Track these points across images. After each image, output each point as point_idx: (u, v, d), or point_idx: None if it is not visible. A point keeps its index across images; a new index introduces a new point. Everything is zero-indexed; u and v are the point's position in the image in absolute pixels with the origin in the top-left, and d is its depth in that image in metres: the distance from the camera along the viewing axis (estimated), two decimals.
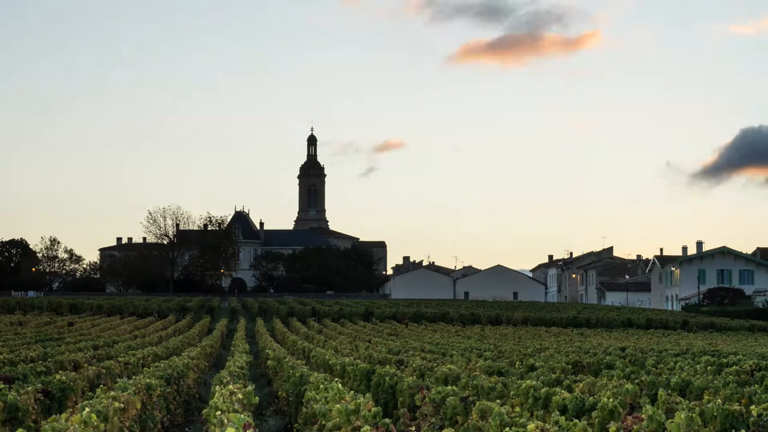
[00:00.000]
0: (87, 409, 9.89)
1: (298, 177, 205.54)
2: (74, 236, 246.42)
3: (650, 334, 61.75)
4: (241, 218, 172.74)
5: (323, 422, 10.94)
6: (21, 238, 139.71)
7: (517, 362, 25.51)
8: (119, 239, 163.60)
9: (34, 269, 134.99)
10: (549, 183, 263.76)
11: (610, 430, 10.07)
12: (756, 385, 17.21)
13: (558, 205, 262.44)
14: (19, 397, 12.80)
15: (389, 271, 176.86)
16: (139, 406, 13.29)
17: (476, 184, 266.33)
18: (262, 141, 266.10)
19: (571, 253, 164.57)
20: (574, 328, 70.06)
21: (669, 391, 15.63)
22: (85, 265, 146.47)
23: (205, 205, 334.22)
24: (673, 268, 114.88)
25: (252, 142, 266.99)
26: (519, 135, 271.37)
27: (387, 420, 9.72)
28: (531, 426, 9.32)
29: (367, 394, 11.29)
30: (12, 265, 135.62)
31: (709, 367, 23.76)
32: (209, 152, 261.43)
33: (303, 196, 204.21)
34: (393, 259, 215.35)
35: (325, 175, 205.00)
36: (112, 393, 12.08)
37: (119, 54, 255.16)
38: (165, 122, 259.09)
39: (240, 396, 11.29)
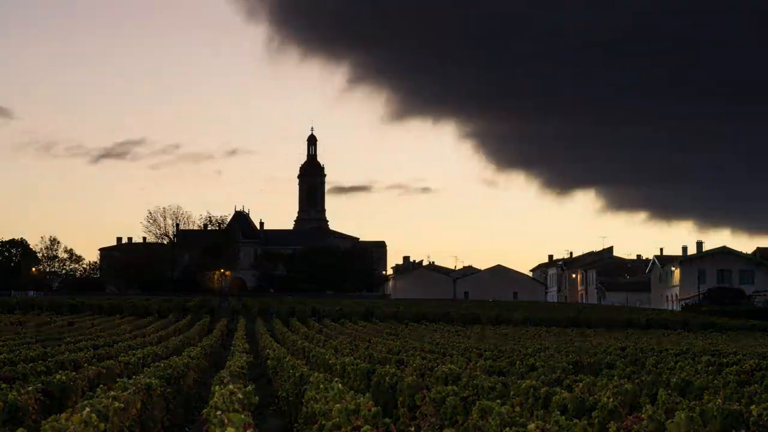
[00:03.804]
0: (87, 409, 9.88)
1: (298, 177, 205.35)
2: (74, 236, 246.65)
3: (650, 334, 61.76)
4: (241, 218, 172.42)
5: (323, 422, 10.93)
6: (21, 238, 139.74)
7: (518, 362, 25.52)
8: (119, 239, 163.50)
9: (34, 269, 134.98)
10: (548, 182, 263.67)
11: (610, 430, 10.07)
12: (756, 385, 17.22)
13: (558, 205, 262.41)
14: (19, 397, 12.80)
15: (389, 271, 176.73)
16: (139, 405, 13.29)
17: (475, 182, 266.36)
18: (263, 141, 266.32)
19: (571, 253, 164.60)
20: (574, 328, 70.04)
21: (669, 391, 15.62)
22: (85, 265, 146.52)
23: (205, 205, 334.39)
24: (673, 268, 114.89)
25: (252, 141, 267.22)
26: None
27: (387, 420, 9.72)
28: (531, 426, 9.32)
29: (367, 394, 11.29)
30: (12, 265, 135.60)
31: (709, 367, 23.78)
32: (209, 152, 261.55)
33: (303, 196, 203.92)
34: (393, 259, 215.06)
35: (325, 175, 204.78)
36: (112, 393, 12.08)
37: (117, 52, 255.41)
38: (165, 122, 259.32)
39: (240, 396, 11.28)
